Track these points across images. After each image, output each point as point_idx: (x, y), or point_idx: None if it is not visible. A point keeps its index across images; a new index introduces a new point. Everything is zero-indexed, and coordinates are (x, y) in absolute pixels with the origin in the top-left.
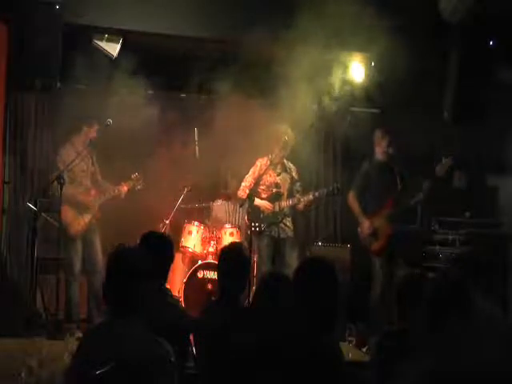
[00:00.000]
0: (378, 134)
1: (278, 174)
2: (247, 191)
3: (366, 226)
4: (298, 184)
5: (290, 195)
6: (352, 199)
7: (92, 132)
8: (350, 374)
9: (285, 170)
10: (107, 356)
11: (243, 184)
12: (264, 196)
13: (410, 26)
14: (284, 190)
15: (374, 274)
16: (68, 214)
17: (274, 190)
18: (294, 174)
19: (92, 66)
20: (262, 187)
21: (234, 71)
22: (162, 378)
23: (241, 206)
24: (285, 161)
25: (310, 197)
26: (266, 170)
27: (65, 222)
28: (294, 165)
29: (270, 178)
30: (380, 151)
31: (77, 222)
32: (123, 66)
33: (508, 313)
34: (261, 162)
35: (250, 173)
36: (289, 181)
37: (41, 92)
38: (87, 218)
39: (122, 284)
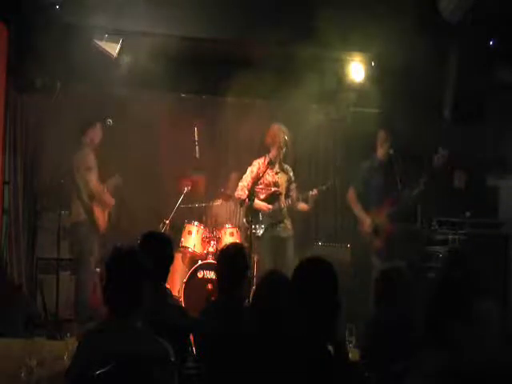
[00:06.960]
0: (381, 134)
1: (277, 173)
2: (246, 191)
3: (366, 223)
4: (294, 186)
5: (287, 195)
6: (352, 197)
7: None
8: (350, 375)
9: (282, 169)
10: (107, 356)
11: (241, 184)
12: (262, 195)
13: (410, 26)
14: (282, 189)
15: (374, 275)
16: (98, 211)
17: (273, 189)
18: (291, 174)
19: (92, 65)
20: (260, 186)
21: (233, 71)
22: (162, 377)
23: (241, 206)
24: (281, 161)
25: (310, 193)
26: (264, 169)
27: (97, 219)
28: (293, 165)
29: (269, 176)
30: (382, 151)
31: (102, 218)
32: (122, 65)
33: (508, 313)
34: (259, 162)
35: (248, 172)
36: (286, 180)
37: (41, 92)
38: (106, 215)
39: (122, 284)
